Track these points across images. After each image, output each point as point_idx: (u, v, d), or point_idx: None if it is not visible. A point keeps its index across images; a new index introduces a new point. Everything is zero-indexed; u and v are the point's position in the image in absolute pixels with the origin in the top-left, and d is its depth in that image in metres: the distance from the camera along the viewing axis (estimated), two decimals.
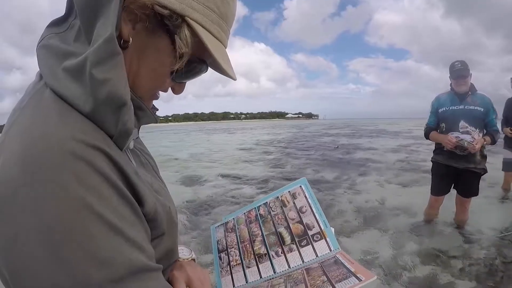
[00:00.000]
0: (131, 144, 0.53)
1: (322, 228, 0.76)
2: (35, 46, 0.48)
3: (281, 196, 0.87)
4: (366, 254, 3.12)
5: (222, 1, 0.48)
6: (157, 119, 0.59)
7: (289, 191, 0.87)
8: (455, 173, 3.32)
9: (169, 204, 0.57)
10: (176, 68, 0.49)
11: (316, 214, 0.79)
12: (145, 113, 0.53)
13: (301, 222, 0.79)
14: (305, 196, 0.84)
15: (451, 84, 3.29)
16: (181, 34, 0.46)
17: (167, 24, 0.45)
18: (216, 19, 0.48)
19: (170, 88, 0.56)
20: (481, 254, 3.04)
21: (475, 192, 3.34)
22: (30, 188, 0.36)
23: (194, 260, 0.70)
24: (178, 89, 0.57)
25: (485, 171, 3.26)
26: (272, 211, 0.85)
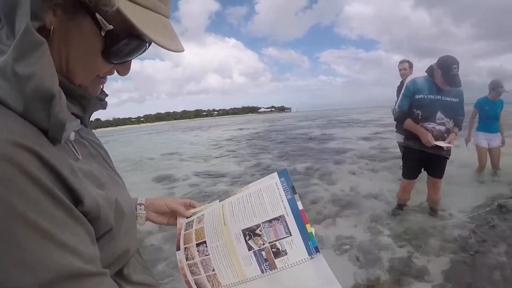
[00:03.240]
0: (72, 135, 0.49)
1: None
2: None
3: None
4: (343, 240, 3.16)
5: None
6: (104, 105, 0.57)
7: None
8: (427, 157, 3.39)
9: (116, 196, 0.54)
10: (105, 48, 0.46)
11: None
12: (89, 101, 0.51)
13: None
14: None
15: (432, 71, 3.16)
16: (101, 11, 0.43)
17: (85, 2, 0.42)
18: None
19: (115, 70, 0.53)
20: (454, 233, 3.14)
21: (443, 173, 3.43)
22: None
23: None
24: (122, 70, 0.53)
25: (450, 154, 3.35)
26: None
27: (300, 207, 0.69)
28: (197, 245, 0.74)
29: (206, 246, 0.73)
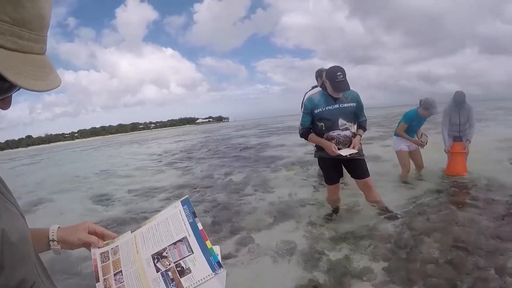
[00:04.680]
0: None
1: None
2: None
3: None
4: (283, 246, 3.15)
5: (15, 7, 0.44)
6: None
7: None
8: (342, 163, 3.52)
9: (3, 226, 0.52)
10: None
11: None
12: None
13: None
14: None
15: (323, 83, 3.33)
16: None
17: None
18: (9, 29, 0.45)
19: None
20: (390, 230, 3.27)
21: (368, 172, 3.53)
22: None
23: None
24: (2, 105, 0.54)
25: (364, 155, 3.50)
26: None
27: (200, 227, 0.79)
28: (115, 274, 0.78)
29: (122, 275, 0.77)
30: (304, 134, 3.46)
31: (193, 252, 0.74)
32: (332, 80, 3.17)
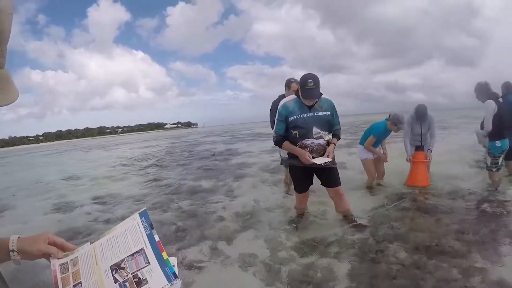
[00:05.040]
0: None
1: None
2: None
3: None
4: (248, 254, 3.11)
5: None
6: None
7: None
8: (314, 171, 3.50)
9: None
10: None
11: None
12: None
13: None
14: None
15: (297, 90, 3.31)
16: None
17: None
18: None
19: None
20: (355, 237, 3.28)
21: (339, 180, 3.51)
22: None
23: None
24: None
25: (336, 163, 3.50)
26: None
27: (157, 239, 0.80)
28: (74, 286, 0.78)
29: (82, 286, 0.77)
30: (279, 141, 3.41)
31: (149, 263, 0.76)
32: (303, 87, 3.15)
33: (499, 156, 4.48)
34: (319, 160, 3.22)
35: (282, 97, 4.51)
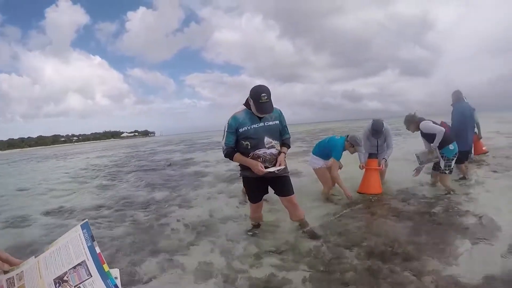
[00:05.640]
0: None
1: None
2: None
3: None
4: (204, 265, 3.05)
5: None
6: None
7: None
8: (266, 181, 3.45)
9: None
10: None
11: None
12: None
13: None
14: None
15: (247, 101, 3.19)
16: None
17: None
18: None
19: None
20: (310, 244, 3.29)
21: (292, 189, 3.47)
22: None
23: None
24: None
25: (288, 172, 3.48)
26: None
27: (98, 251, 0.79)
28: None
29: None
30: (229, 154, 3.28)
31: (91, 276, 0.76)
32: (256, 101, 3.03)
33: (452, 159, 4.79)
34: (273, 169, 3.17)
35: None
